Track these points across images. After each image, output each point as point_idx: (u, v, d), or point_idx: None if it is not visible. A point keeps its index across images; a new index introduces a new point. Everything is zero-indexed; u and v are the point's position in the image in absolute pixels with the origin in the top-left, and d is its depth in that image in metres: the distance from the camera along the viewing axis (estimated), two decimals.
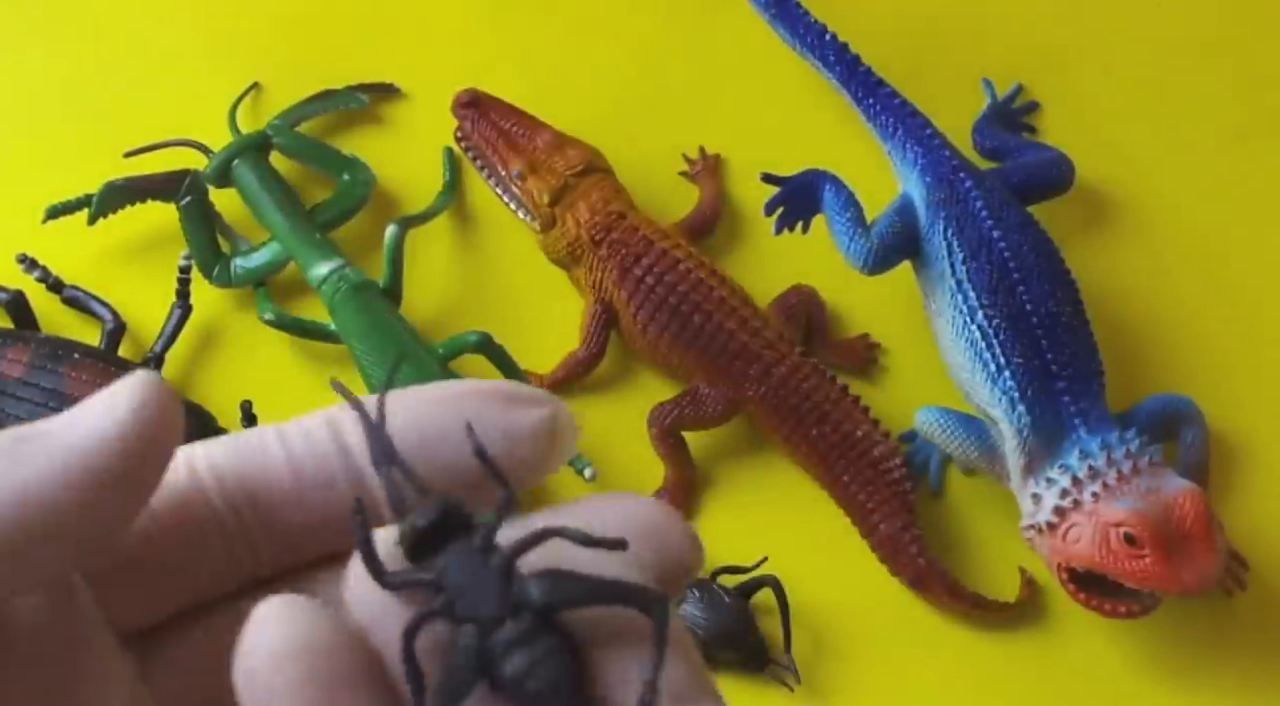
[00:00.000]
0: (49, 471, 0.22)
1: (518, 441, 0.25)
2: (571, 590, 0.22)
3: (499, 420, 0.25)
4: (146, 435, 0.22)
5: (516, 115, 0.66)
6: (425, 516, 0.23)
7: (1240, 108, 0.70)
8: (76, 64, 0.72)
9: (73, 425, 0.22)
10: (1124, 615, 0.55)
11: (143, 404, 0.22)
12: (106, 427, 0.22)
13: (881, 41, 0.69)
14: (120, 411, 0.22)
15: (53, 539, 0.22)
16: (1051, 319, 0.58)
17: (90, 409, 0.22)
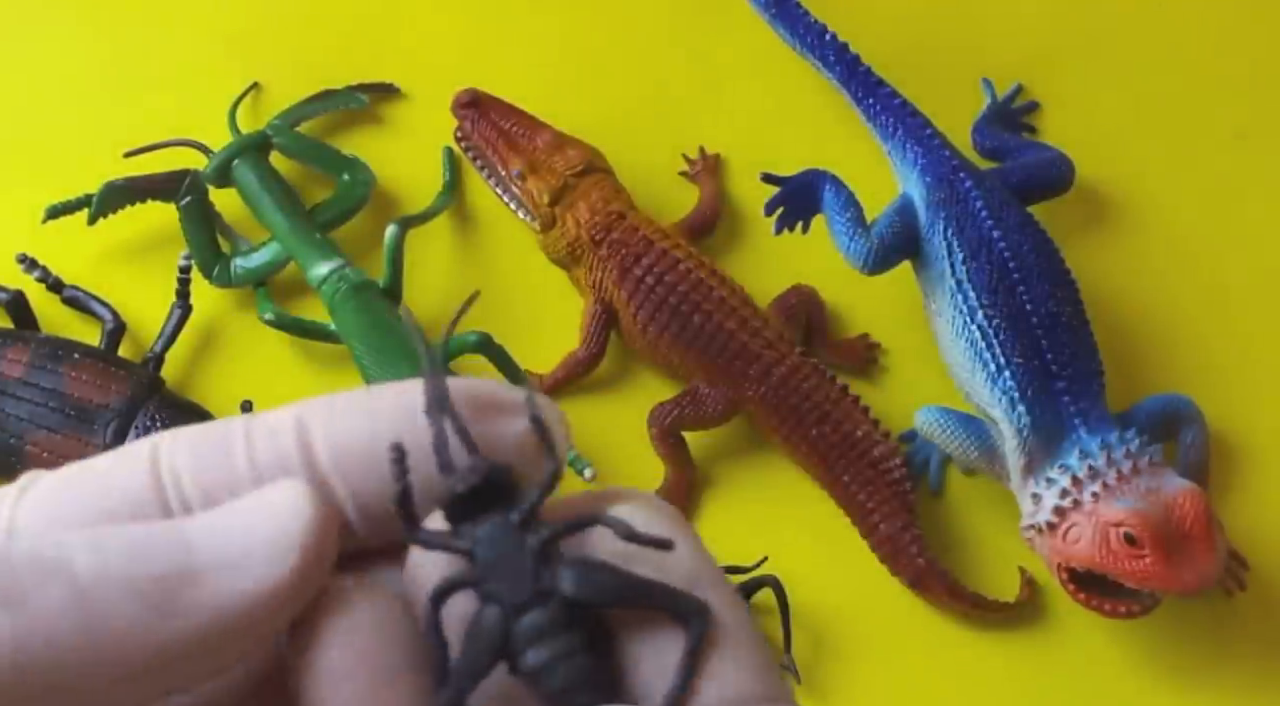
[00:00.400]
0: (205, 629, 0.20)
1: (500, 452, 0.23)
2: (607, 585, 0.21)
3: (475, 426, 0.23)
4: (313, 575, 0.21)
5: (516, 115, 0.66)
6: (467, 480, 0.22)
7: (1240, 108, 0.70)
8: (76, 64, 0.72)
9: (233, 569, 0.20)
10: (1124, 615, 0.55)
11: (310, 538, 0.21)
12: (277, 576, 0.20)
13: (881, 41, 0.69)
14: (289, 551, 0.21)
15: (201, 680, 0.21)
16: (1051, 319, 0.58)
17: (252, 545, 0.21)
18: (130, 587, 0.20)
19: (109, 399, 0.59)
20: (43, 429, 0.59)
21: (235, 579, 0.20)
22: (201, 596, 0.20)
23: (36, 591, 0.20)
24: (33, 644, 0.19)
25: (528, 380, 0.62)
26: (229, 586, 0.20)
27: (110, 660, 0.20)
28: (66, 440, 0.59)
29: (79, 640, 0.20)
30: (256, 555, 0.21)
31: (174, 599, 0.20)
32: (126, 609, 0.20)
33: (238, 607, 0.20)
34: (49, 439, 0.59)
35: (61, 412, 0.59)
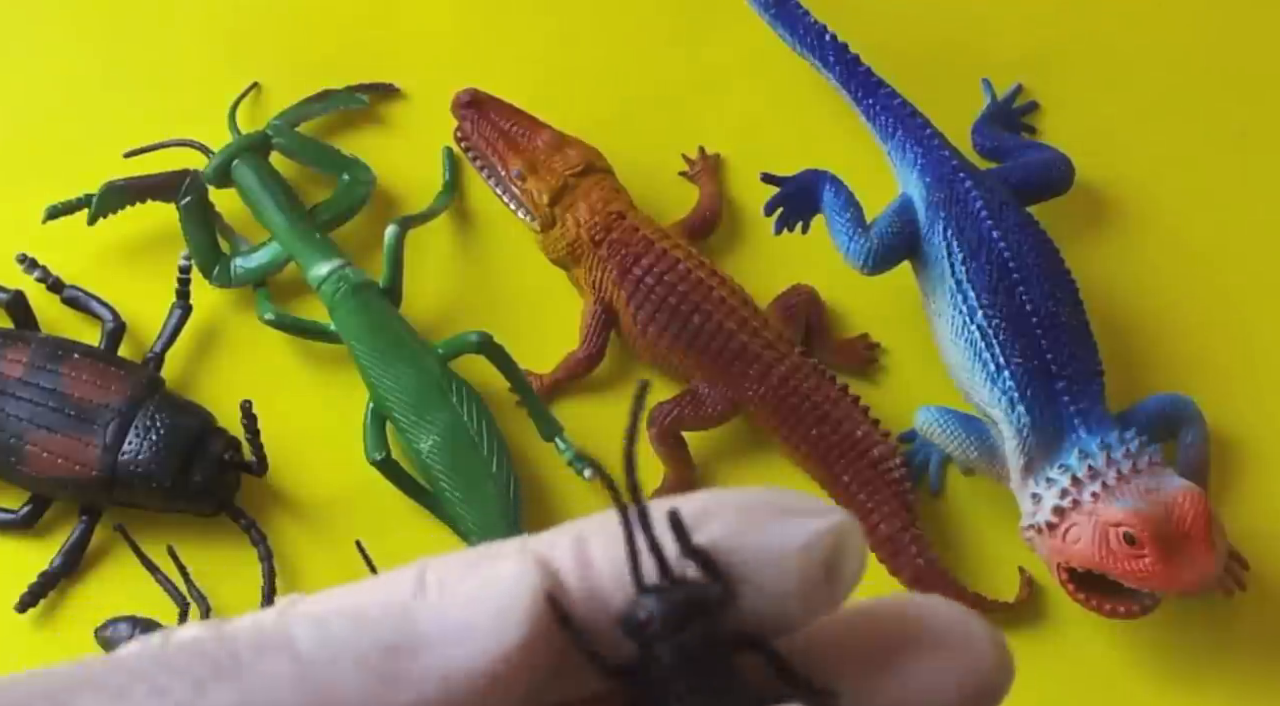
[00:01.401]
0: (438, 699, 0.19)
1: (780, 562, 0.20)
2: None
3: (766, 534, 0.20)
4: (541, 648, 0.20)
5: (516, 115, 0.66)
6: (647, 607, 0.20)
7: (1240, 108, 0.70)
8: (76, 64, 0.72)
9: (458, 640, 0.20)
10: (1123, 615, 0.55)
11: (537, 609, 0.20)
12: (504, 645, 0.20)
13: (881, 41, 0.69)
14: (517, 622, 0.20)
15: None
16: (1051, 319, 0.58)
17: (476, 616, 0.20)
18: (354, 658, 0.19)
19: (109, 399, 0.59)
20: (43, 429, 0.59)
21: (462, 648, 0.20)
22: (428, 667, 0.19)
23: (257, 662, 0.19)
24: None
25: (527, 380, 0.62)
26: (456, 655, 0.20)
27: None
28: (66, 440, 0.59)
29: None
30: (483, 625, 0.20)
31: (399, 668, 0.19)
32: (350, 679, 0.19)
33: (465, 677, 0.19)
34: (49, 439, 0.59)
35: (61, 412, 0.59)
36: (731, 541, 0.20)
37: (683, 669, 0.20)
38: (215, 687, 0.19)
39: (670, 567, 0.20)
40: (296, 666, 0.19)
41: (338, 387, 0.63)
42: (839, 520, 0.21)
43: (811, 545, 0.20)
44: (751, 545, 0.20)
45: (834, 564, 0.20)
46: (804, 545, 0.20)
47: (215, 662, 0.19)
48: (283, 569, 0.60)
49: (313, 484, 0.62)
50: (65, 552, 0.60)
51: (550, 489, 0.62)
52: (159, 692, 0.19)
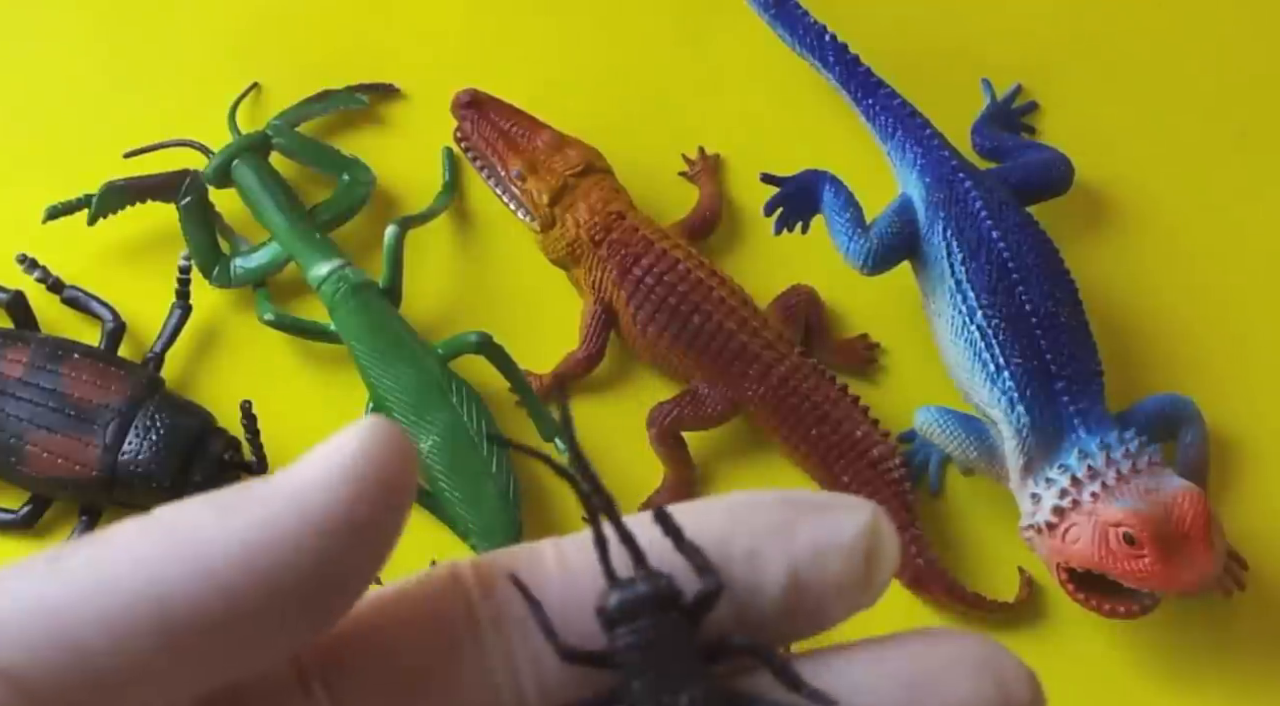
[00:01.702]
0: (267, 522, 0.19)
1: (827, 553, 0.21)
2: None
3: (807, 531, 0.21)
4: (376, 478, 0.20)
5: (516, 115, 0.66)
6: (620, 595, 0.21)
7: (1240, 108, 0.70)
8: (76, 64, 0.72)
9: (292, 474, 0.20)
10: (1123, 615, 0.55)
11: (372, 445, 0.20)
12: (330, 472, 0.20)
13: (881, 42, 0.69)
14: (346, 454, 0.20)
15: (279, 604, 0.19)
16: (1051, 319, 0.58)
17: (311, 456, 0.20)
18: (201, 501, 0.20)
19: (109, 399, 0.59)
20: (43, 429, 0.59)
21: (288, 478, 0.20)
22: (258, 493, 0.20)
23: (115, 531, 0.20)
24: (108, 567, 0.19)
25: (527, 380, 0.62)
26: (281, 491, 0.20)
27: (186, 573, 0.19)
28: (66, 440, 0.59)
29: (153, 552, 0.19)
30: (310, 459, 0.20)
31: (236, 500, 0.20)
32: (196, 517, 0.20)
33: (287, 508, 0.20)
34: (49, 439, 0.59)
35: (61, 412, 0.59)
36: (772, 543, 0.21)
37: (643, 657, 0.20)
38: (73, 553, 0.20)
39: (644, 560, 0.21)
40: (147, 523, 0.20)
41: (338, 388, 0.63)
42: (873, 513, 0.21)
43: (855, 541, 0.21)
44: (796, 545, 0.21)
45: (874, 556, 0.21)
46: (849, 542, 0.21)
47: (81, 540, 0.20)
48: None
49: None
50: None
51: (550, 489, 0.62)
52: (22, 570, 0.20)
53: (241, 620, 0.19)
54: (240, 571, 0.19)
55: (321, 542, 0.19)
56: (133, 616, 0.19)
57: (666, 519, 0.21)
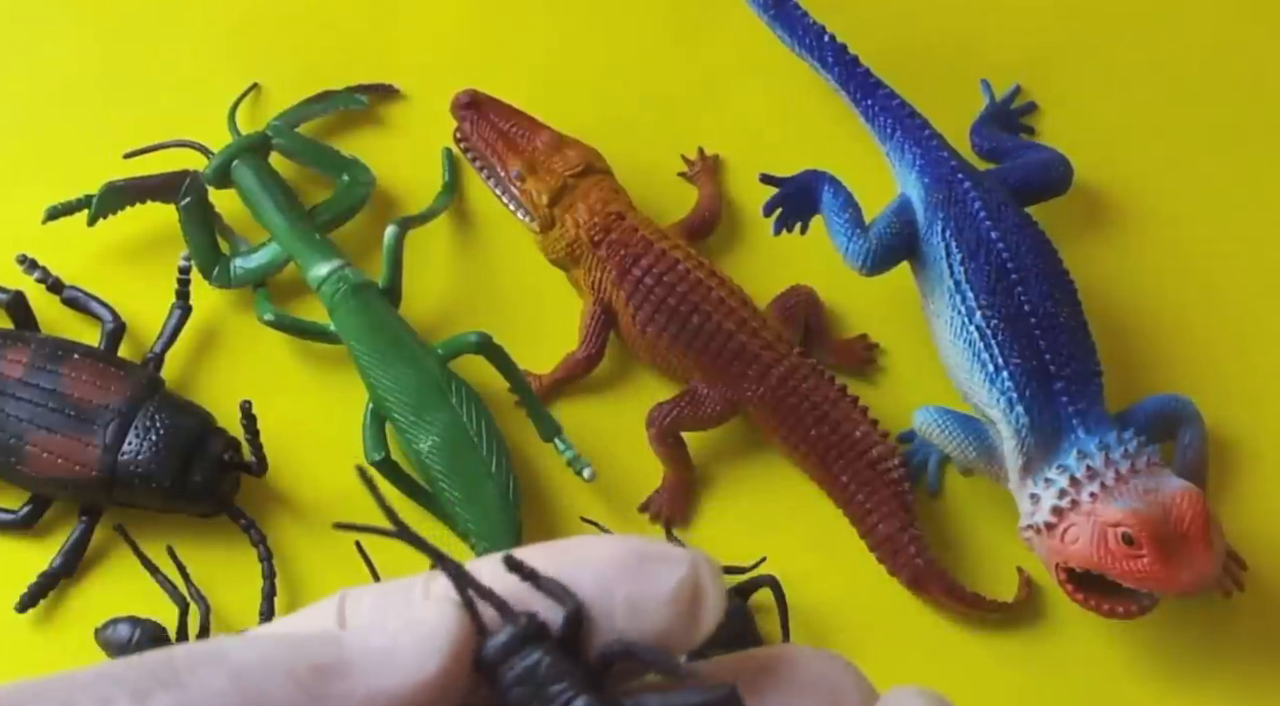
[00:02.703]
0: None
1: (650, 602, 0.22)
2: None
3: (634, 578, 0.23)
4: (455, 679, 0.22)
5: (515, 116, 0.66)
6: (494, 642, 0.22)
7: (1239, 108, 0.70)
8: (76, 64, 0.72)
9: (381, 666, 0.21)
10: (1122, 615, 0.55)
11: (455, 644, 0.22)
12: (417, 679, 0.21)
13: (880, 43, 0.69)
14: (430, 661, 0.21)
15: None
16: (1049, 319, 0.58)
17: (399, 645, 0.21)
18: (286, 674, 0.21)
19: (109, 399, 0.59)
20: (43, 429, 0.59)
21: (383, 673, 0.21)
22: (353, 687, 0.21)
23: (193, 676, 0.21)
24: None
25: (527, 381, 0.62)
26: (379, 679, 0.21)
27: None
28: (66, 440, 0.59)
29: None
30: (405, 653, 0.21)
31: (326, 686, 0.21)
32: (281, 692, 0.21)
33: (385, 700, 0.21)
34: (49, 439, 0.59)
35: (61, 413, 0.59)
36: (603, 597, 0.22)
37: (532, 689, 0.22)
38: (157, 696, 0.20)
39: (506, 607, 0.22)
40: (232, 677, 0.20)
41: (337, 388, 0.64)
42: (697, 565, 0.22)
43: (677, 592, 0.22)
44: (621, 598, 0.22)
45: (698, 602, 0.22)
46: (671, 594, 0.22)
47: (155, 674, 0.20)
48: (282, 569, 0.60)
49: (312, 484, 0.62)
50: (65, 552, 0.60)
51: (549, 489, 0.62)
52: (103, 702, 0.20)
53: None
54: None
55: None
56: None
57: (517, 564, 0.22)
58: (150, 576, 0.59)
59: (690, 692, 0.22)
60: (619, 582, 0.22)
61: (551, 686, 0.22)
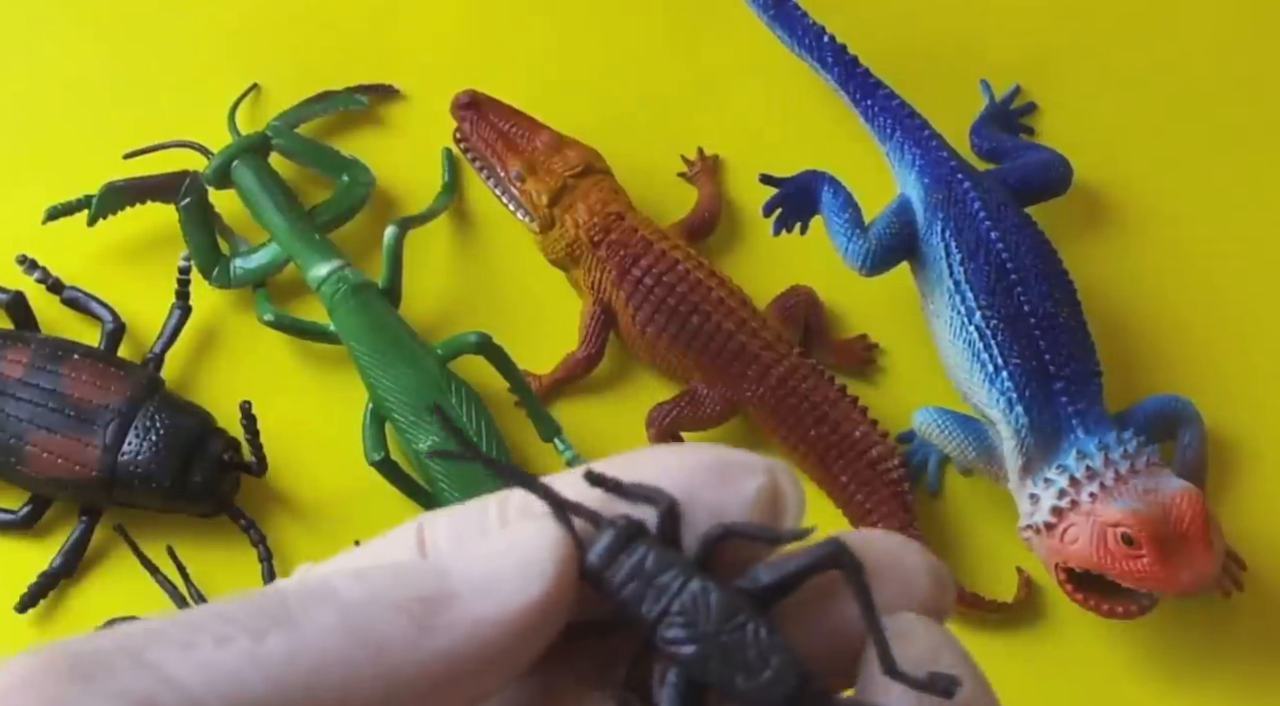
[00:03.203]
0: (463, 648, 0.21)
1: (732, 517, 0.23)
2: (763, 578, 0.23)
3: (710, 491, 0.23)
4: (561, 601, 0.22)
5: (515, 116, 0.66)
6: (597, 549, 0.23)
7: (1239, 108, 0.70)
8: (76, 64, 0.72)
9: (486, 592, 0.22)
10: (1121, 615, 0.55)
11: (558, 564, 0.22)
12: (524, 602, 0.22)
13: (879, 43, 0.69)
14: (535, 584, 0.22)
15: (463, 696, 0.22)
16: (1049, 319, 0.58)
17: (503, 570, 0.22)
18: (394, 607, 0.21)
19: (109, 399, 0.59)
20: (42, 429, 0.59)
21: (490, 599, 0.22)
22: (459, 616, 0.21)
23: (305, 614, 0.21)
24: (305, 661, 0.21)
25: (526, 381, 0.62)
26: (484, 605, 0.22)
27: (376, 677, 0.21)
28: (66, 440, 0.59)
29: (349, 655, 0.21)
30: (508, 578, 0.22)
31: (434, 617, 0.21)
32: (391, 626, 0.21)
33: (493, 626, 0.21)
34: (49, 439, 0.59)
35: (61, 413, 0.59)
36: (686, 503, 0.23)
37: (641, 583, 0.22)
38: (273, 635, 0.21)
39: (599, 516, 0.23)
40: (342, 615, 0.21)
41: (337, 388, 0.64)
42: (774, 471, 0.23)
43: (758, 497, 0.23)
44: (704, 504, 0.23)
45: (779, 507, 0.23)
46: (753, 499, 0.23)
47: (270, 613, 0.21)
48: (282, 569, 0.60)
49: (312, 484, 0.62)
50: (65, 553, 0.60)
51: None
52: (223, 641, 0.20)
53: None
54: (433, 683, 0.21)
55: (496, 670, 0.22)
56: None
57: (599, 477, 0.23)
58: (150, 576, 0.59)
59: (798, 557, 0.23)
60: (702, 489, 0.23)
61: (662, 576, 0.22)
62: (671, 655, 0.22)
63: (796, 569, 0.23)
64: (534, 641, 0.22)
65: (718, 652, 0.22)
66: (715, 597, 0.22)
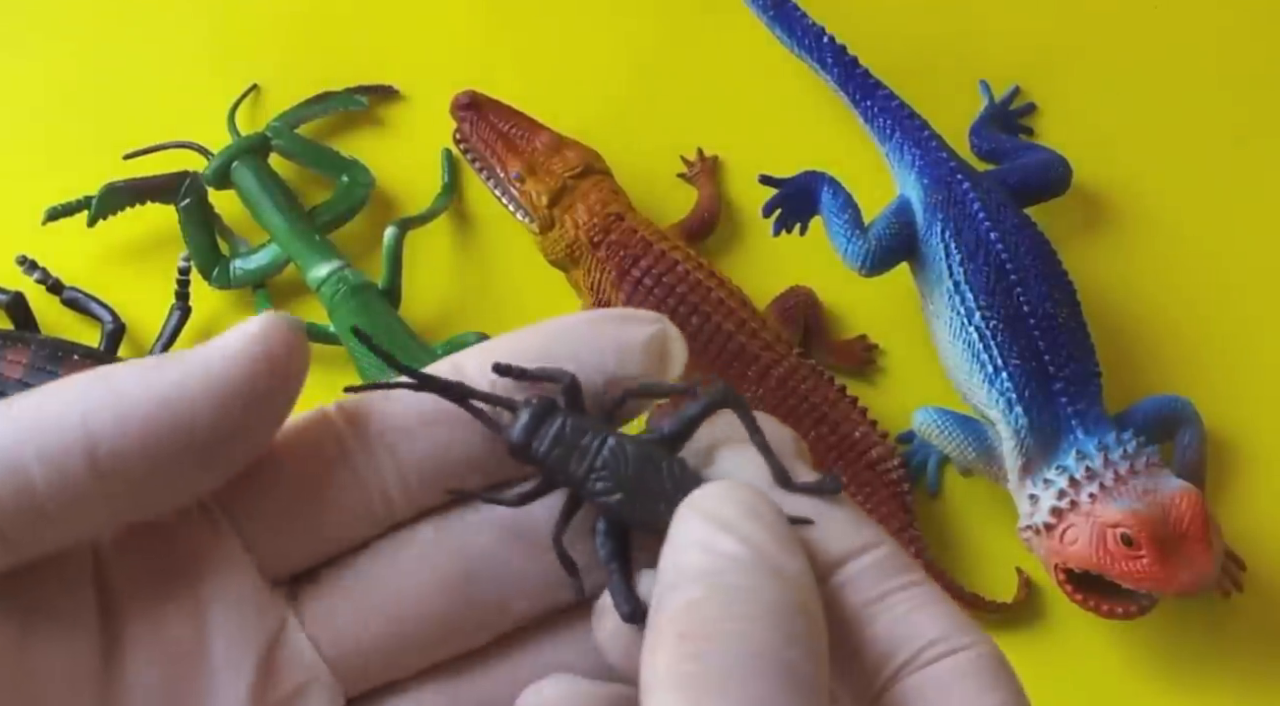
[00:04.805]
0: (185, 382, 0.23)
1: (630, 355, 0.26)
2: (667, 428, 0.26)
3: (612, 337, 0.26)
4: (274, 358, 0.24)
5: (515, 117, 0.66)
6: (517, 426, 0.26)
7: (1238, 108, 0.70)
8: (76, 65, 0.72)
9: (207, 347, 0.24)
10: (1121, 616, 0.55)
11: (270, 332, 0.24)
12: (237, 348, 0.23)
13: (879, 44, 0.69)
14: (250, 337, 0.24)
15: (189, 449, 0.23)
16: (1049, 320, 0.58)
17: (223, 337, 0.24)
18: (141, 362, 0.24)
19: None
20: None
21: (202, 353, 0.24)
22: (172, 363, 0.23)
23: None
24: None
25: None
26: (198, 358, 0.23)
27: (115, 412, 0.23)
28: None
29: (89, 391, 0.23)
30: (222, 339, 0.24)
31: (166, 361, 0.23)
32: (130, 366, 0.23)
33: (203, 372, 0.23)
34: None
35: None
36: (596, 352, 0.26)
37: (564, 448, 0.25)
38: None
39: (510, 401, 0.26)
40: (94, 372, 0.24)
41: (337, 389, 0.63)
42: (661, 322, 0.26)
43: (650, 342, 0.26)
44: (604, 350, 0.26)
45: (666, 353, 0.26)
46: (646, 342, 0.26)
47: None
48: None
49: None
50: None
51: None
52: None
53: (155, 462, 0.23)
54: (154, 422, 0.23)
55: (221, 404, 0.23)
56: (66, 453, 0.22)
57: (506, 368, 0.27)
58: None
59: (693, 405, 0.26)
60: (607, 336, 0.26)
61: (583, 440, 0.25)
62: (602, 505, 0.25)
63: (693, 414, 0.26)
64: (257, 397, 0.23)
65: (641, 493, 0.25)
66: (630, 449, 0.25)
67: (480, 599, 0.26)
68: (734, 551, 0.22)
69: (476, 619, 0.26)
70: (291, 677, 0.25)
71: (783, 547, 0.22)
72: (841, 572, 0.23)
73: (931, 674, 0.22)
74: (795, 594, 0.22)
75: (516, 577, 0.26)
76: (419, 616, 0.25)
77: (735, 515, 0.23)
